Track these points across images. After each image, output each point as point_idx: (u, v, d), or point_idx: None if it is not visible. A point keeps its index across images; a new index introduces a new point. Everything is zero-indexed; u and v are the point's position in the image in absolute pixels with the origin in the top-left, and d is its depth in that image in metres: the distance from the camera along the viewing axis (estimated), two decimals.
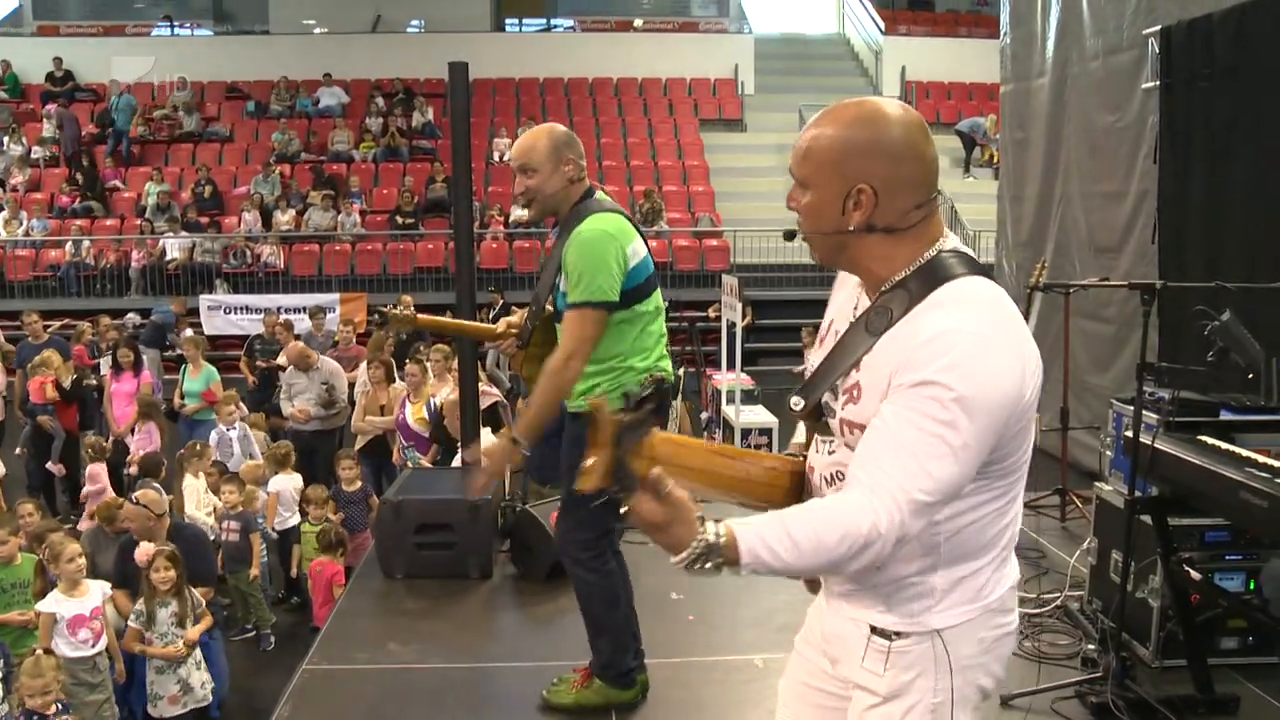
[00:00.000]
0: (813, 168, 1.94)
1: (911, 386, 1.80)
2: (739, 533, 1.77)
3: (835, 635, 2.10)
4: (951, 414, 1.77)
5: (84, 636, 5.15)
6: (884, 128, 1.92)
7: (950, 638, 1.96)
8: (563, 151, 3.68)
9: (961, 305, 1.85)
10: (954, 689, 1.97)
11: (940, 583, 1.95)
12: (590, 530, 3.76)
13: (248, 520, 6.89)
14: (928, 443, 1.78)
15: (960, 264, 1.93)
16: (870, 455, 1.84)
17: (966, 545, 1.94)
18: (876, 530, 1.76)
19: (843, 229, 1.93)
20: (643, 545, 5.70)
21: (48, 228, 17.66)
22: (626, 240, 3.57)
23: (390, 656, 4.47)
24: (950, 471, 1.79)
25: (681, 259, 17.16)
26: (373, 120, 20.21)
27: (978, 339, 1.81)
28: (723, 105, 21.45)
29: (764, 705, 4.05)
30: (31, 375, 9.61)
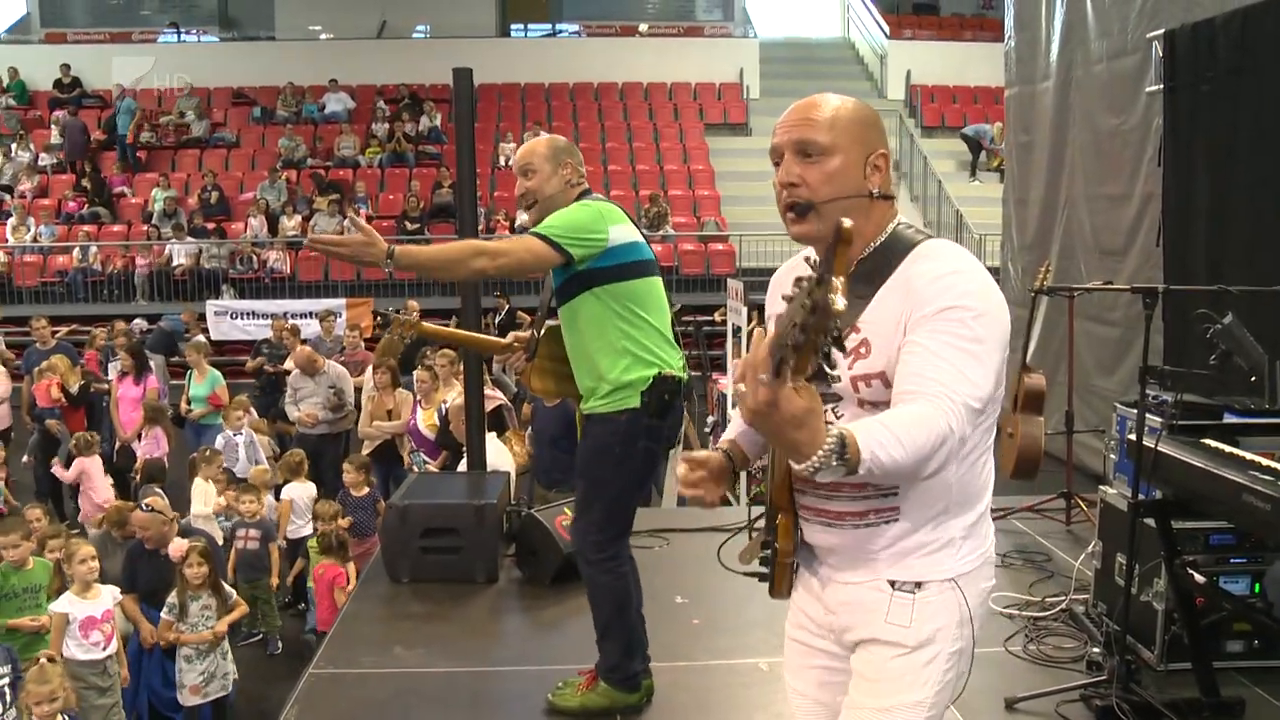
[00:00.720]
0: (839, 133, 2.07)
1: (937, 313, 1.95)
2: (857, 433, 1.77)
3: (844, 604, 2.16)
4: (976, 330, 1.94)
5: (95, 639, 5.16)
6: (872, 110, 2.16)
7: (964, 585, 2.09)
8: (562, 156, 3.77)
9: (948, 254, 2.05)
10: (967, 637, 2.10)
11: (958, 530, 2.09)
12: (607, 531, 3.77)
13: (267, 529, 6.92)
14: (963, 355, 1.93)
15: (917, 232, 2.12)
16: (917, 373, 1.95)
17: (970, 488, 2.10)
18: (949, 426, 1.87)
19: (863, 192, 2.08)
20: (648, 549, 5.72)
21: (55, 234, 17.72)
22: (610, 218, 3.60)
23: (396, 660, 4.48)
24: (988, 379, 1.96)
25: (687, 263, 17.17)
26: (379, 126, 20.24)
27: (977, 273, 2.01)
28: (728, 109, 21.46)
29: (768, 709, 4.06)
30: (37, 380, 9.64)
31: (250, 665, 6.45)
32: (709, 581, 5.37)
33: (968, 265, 2.02)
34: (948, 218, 17.88)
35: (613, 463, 3.70)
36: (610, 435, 3.67)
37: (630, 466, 3.71)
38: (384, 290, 16.25)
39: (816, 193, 2.06)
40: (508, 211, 17.89)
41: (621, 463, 3.69)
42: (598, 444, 3.74)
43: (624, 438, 3.65)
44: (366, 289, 16.52)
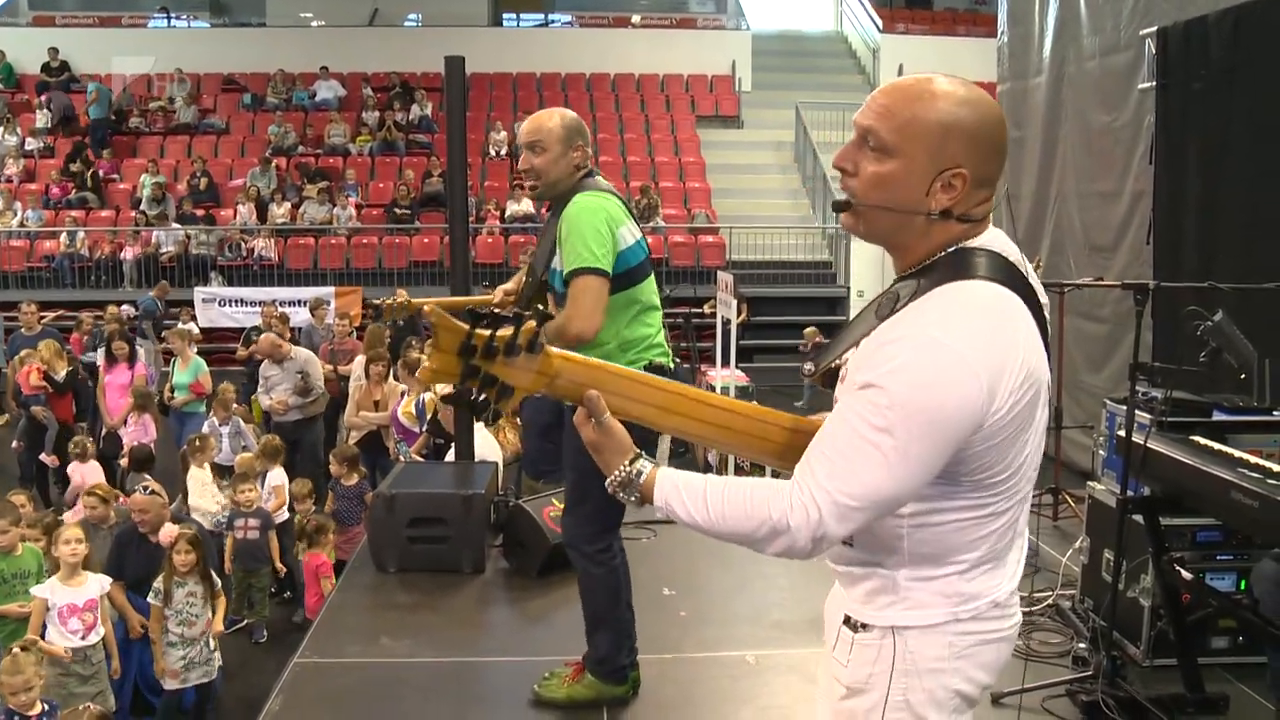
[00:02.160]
0: (912, 136, 1.78)
1: (859, 388, 1.75)
2: (660, 477, 1.88)
3: (829, 619, 2.09)
4: (887, 421, 1.70)
5: (74, 627, 5.13)
6: (989, 115, 1.81)
7: (913, 638, 1.88)
8: (574, 138, 3.69)
9: (944, 309, 1.75)
10: (919, 689, 1.89)
11: (903, 580, 1.88)
12: (598, 523, 3.76)
13: (266, 517, 6.91)
14: (860, 445, 1.72)
15: (984, 264, 1.81)
16: (809, 453, 1.80)
17: (935, 547, 1.86)
18: (785, 521, 1.75)
19: (921, 209, 1.80)
20: (635, 541, 5.72)
21: (42, 219, 17.62)
22: (616, 220, 3.58)
23: (382, 650, 4.47)
24: (880, 479, 1.72)
25: (677, 255, 17.15)
26: (369, 114, 20.18)
27: (937, 349, 1.70)
28: (719, 102, 21.44)
29: (755, 702, 4.06)
30: (20, 366, 9.59)
31: (236, 653, 6.44)
32: (696, 574, 5.38)
33: (937, 331, 1.71)
34: None
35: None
36: None
37: None
38: (372, 279, 16.21)
39: (863, 192, 1.84)
40: (498, 201, 17.87)
41: None
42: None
43: None
44: (355, 278, 16.48)
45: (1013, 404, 1.75)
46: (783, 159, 19.85)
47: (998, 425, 1.74)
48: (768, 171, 19.57)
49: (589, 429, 1.95)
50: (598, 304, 3.47)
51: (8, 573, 5.47)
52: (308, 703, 4.08)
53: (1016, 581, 1.96)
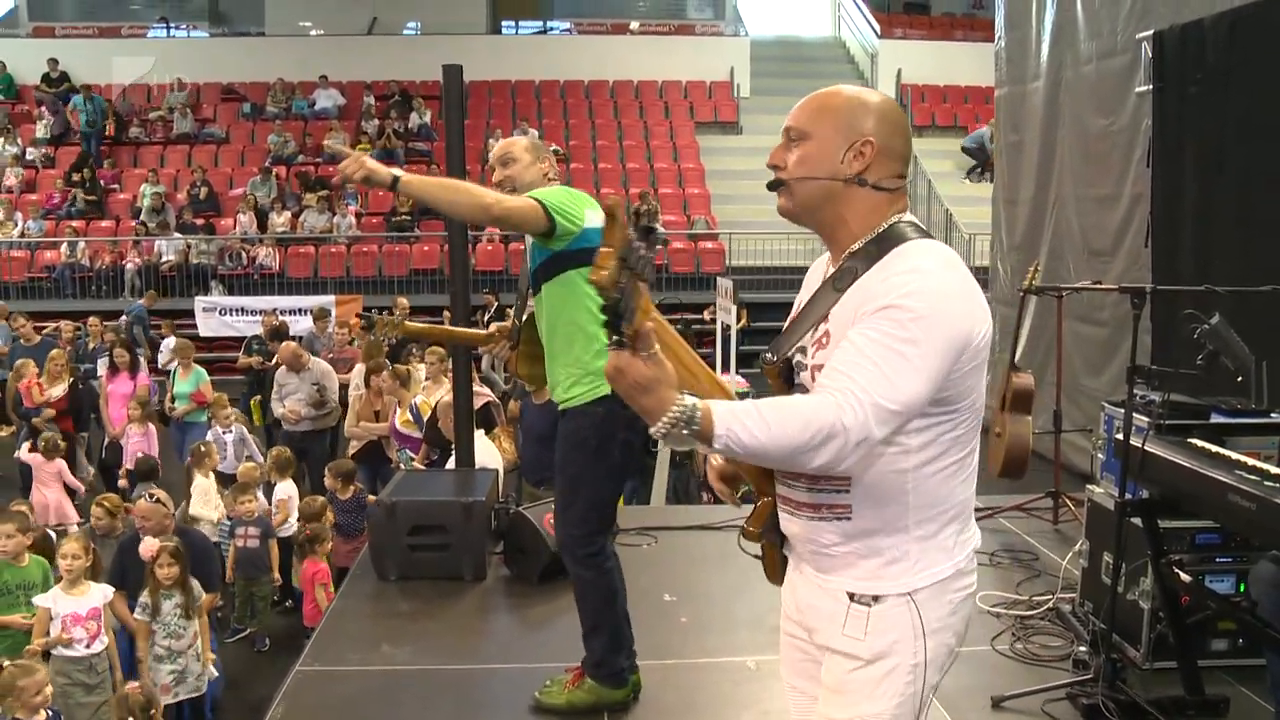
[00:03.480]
0: (822, 119, 2.11)
1: (876, 311, 1.94)
2: (715, 407, 1.88)
3: (809, 606, 2.20)
4: (911, 332, 1.91)
5: (78, 636, 5.14)
6: (885, 102, 2.16)
7: (923, 599, 2.07)
8: (541, 151, 3.87)
9: (921, 254, 2.01)
10: (929, 649, 2.08)
11: (913, 544, 2.06)
12: (588, 526, 3.77)
13: (266, 527, 6.91)
14: (890, 355, 1.90)
15: (914, 230, 2.08)
16: (836, 368, 1.95)
17: (931, 498, 2.06)
18: (841, 423, 1.87)
19: (838, 175, 2.09)
20: (635, 547, 5.73)
21: (43, 229, 17.64)
22: (586, 203, 3.66)
23: (383, 657, 4.47)
24: (912, 382, 1.91)
25: (677, 261, 17.17)
26: (369, 122, 20.21)
27: (933, 275, 1.97)
28: (718, 108, 21.47)
29: (756, 707, 4.07)
30: (18, 378, 9.57)
31: (239, 662, 6.45)
32: (697, 580, 5.38)
33: (930, 265, 1.98)
34: (938, 217, 17.92)
35: (590, 456, 3.70)
36: (587, 428, 3.68)
37: (608, 459, 3.71)
38: (373, 287, 16.24)
39: (789, 172, 2.13)
40: None
41: (599, 456, 3.69)
42: (575, 438, 3.74)
43: (600, 429, 3.65)
44: (355, 285, 16.50)
45: (984, 332, 2.01)
46: None
47: (977, 350, 2.00)
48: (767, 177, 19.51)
49: (638, 364, 1.86)
50: (527, 213, 3.51)
51: (12, 583, 5.46)
52: (309, 710, 4.08)
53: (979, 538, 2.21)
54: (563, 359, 3.71)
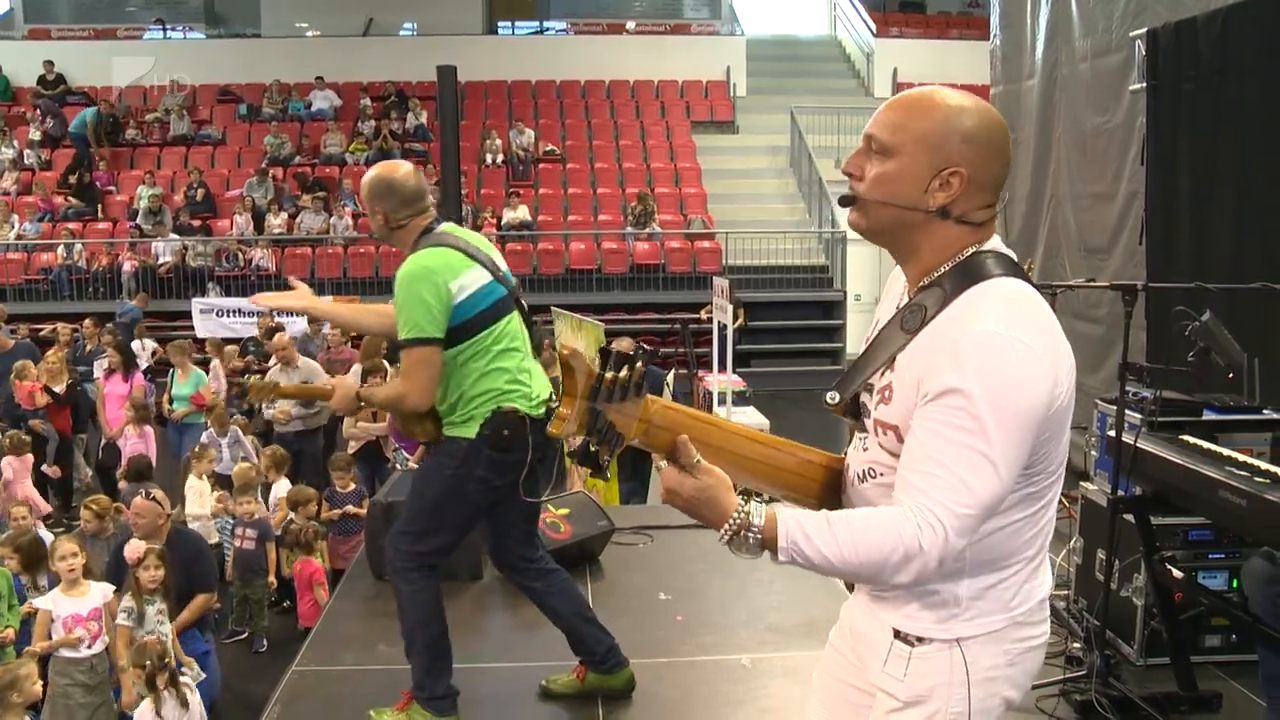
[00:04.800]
0: (910, 137, 1.89)
1: (938, 396, 1.78)
2: (781, 515, 1.79)
3: (861, 635, 2.11)
4: (979, 423, 1.75)
5: (79, 636, 5.15)
6: (988, 120, 1.91)
7: (972, 647, 1.93)
8: (372, 203, 3.75)
9: (991, 307, 1.82)
10: (974, 699, 1.94)
11: (965, 592, 1.92)
12: (420, 545, 3.75)
13: (264, 528, 6.92)
14: (961, 455, 1.76)
15: (997, 264, 1.90)
16: (907, 474, 1.82)
17: (993, 553, 1.91)
18: (918, 545, 1.75)
19: (920, 206, 1.90)
20: (630, 547, 5.74)
21: (40, 231, 17.64)
22: (449, 275, 3.55)
23: (379, 657, 4.49)
24: (989, 482, 1.77)
25: (674, 261, 17.18)
26: (365, 123, 20.21)
27: (1003, 342, 1.77)
28: (715, 107, 21.47)
29: (751, 705, 4.08)
30: (17, 381, 9.55)
31: (236, 663, 6.45)
32: (693, 579, 5.39)
33: (997, 324, 1.78)
34: None
35: (442, 480, 3.71)
36: (448, 456, 3.69)
37: (459, 489, 3.68)
38: (369, 288, 16.21)
39: (867, 190, 1.94)
40: (494, 208, 17.89)
41: (451, 482, 3.68)
42: (435, 461, 3.78)
43: (462, 461, 3.66)
44: (352, 287, 16.50)
45: (1068, 389, 1.84)
46: (778, 163, 19.86)
47: (1059, 412, 1.83)
48: (763, 176, 19.58)
49: (686, 482, 1.84)
50: (431, 374, 3.56)
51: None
52: (306, 710, 4.11)
53: (1052, 581, 2.04)
54: (443, 393, 3.68)
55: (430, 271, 3.54)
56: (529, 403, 3.69)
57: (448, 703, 3.81)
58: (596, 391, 1.83)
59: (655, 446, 1.92)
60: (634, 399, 1.86)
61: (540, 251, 17.33)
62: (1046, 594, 2.01)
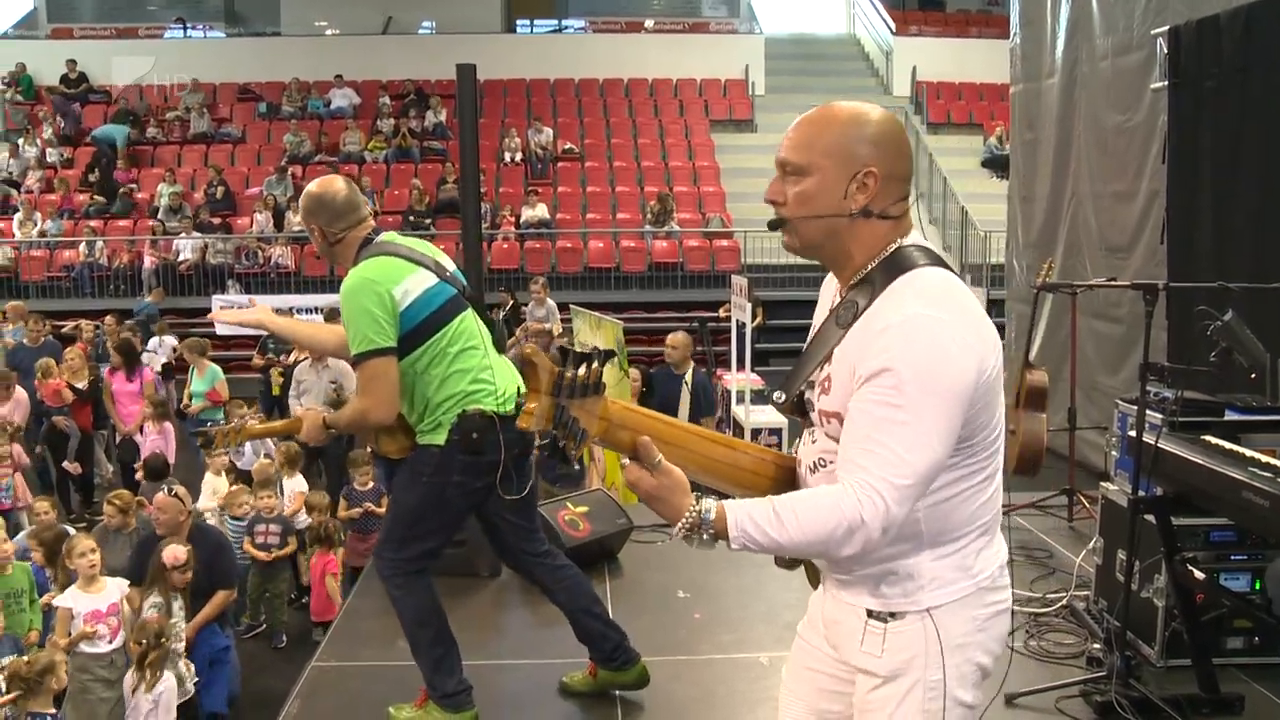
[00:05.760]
0: (817, 152, 2.03)
1: (870, 377, 1.90)
2: (729, 508, 1.91)
3: (833, 622, 2.20)
4: (907, 397, 1.87)
5: (100, 632, 5.19)
6: (881, 122, 2.05)
7: (942, 616, 2.05)
8: (308, 220, 3.77)
9: (915, 293, 1.95)
10: (949, 666, 2.05)
11: (927, 564, 2.04)
12: (404, 551, 3.74)
13: (286, 524, 6.96)
14: (893, 429, 1.88)
15: (921, 255, 2.03)
16: (846, 453, 1.94)
17: (946, 523, 2.03)
18: (860, 517, 1.86)
19: (843, 211, 2.03)
20: (650, 544, 5.74)
21: (61, 229, 17.75)
22: (390, 282, 3.52)
23: (398, 653, 4.47)
24: (922, 452, 1.89)
25: (692, 259, 17.18)
26: (384, 121, 20.26)
27: (927, 321, 1.90)
28: (733, 106, 21.46)
29: (769, 702, 4.06)
30: (42, 379, 9.61)
31: (255, 658, 6.49)
32: (710, 577, 5.39)
33: (920, 309, 1.92)
34: (953, 214, 17.87)
35: (419, 489, 3.70)
36: (424, 464, 3.68)
37: (437, 496, 3.68)
38: None
39: (791, 210, 2.07)
40: (513, 207, 17.91)
41: (429, 490, 3.68)
42: (411, 469, 3.75)
43: (436, 468, 3.65)
44: None
45: (995, 364, 1.98)
46: None
47: (987, 384, 1.96)
48: None
49: (646, 478, 1.96)
50: (388, 385, 3.53)
51: (1, 592, 5.50)
52: (325, 705, 4.13)
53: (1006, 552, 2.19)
54: (409, 404, 3.67)
55: (371, 282, 3.51)
56: (496, 400, 3.66)
57: (462, 698, 3.81)
58: (559, 387, 1.94)
59: (616, 445, 2.04)
60: (594, 396, 1.97)
61: (559, 250, 17.34)
62: (1005, 560, 2.16)
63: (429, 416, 3.64)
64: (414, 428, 3.69)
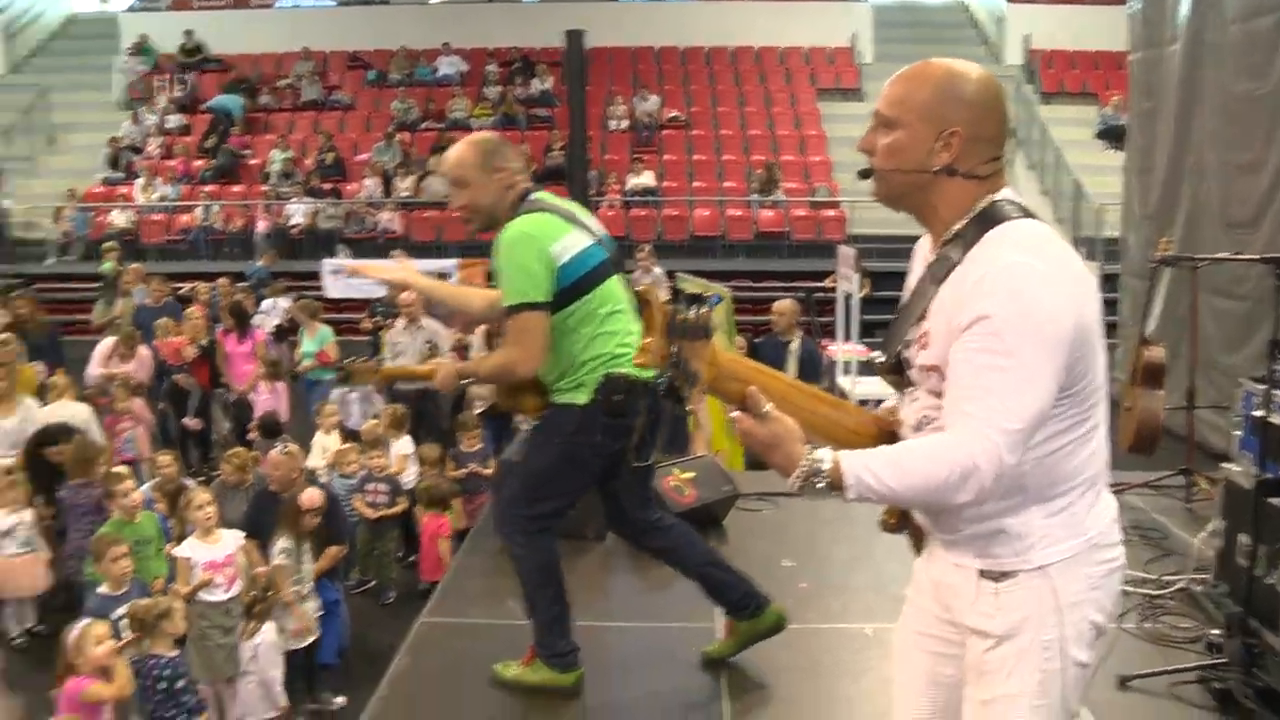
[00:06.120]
0: (908, 109, 2.08)
1: (969, 325, 1.93)
2: (844, 457, 1.93)
3: (944, 584, 2.20)
4: (1008, 344, 1.89)
5: (218, 581, 5.36)
6: (976, 83, 2.10)
7: (1056, 574, 2.04)
8: (491, 159, 3.65)
9: (1011, 243, 1.97)
10: (1066, 624, 2.04)
11: (1037, 520, 2.04)
12: (532, 510, 3.73)
13: (395, 484, 7.09)
14: (998, 376, 1.90)
15: (1013, 209, 2.05)
16: (952, 402, 1.97)
17: (1052, 476, 2.03)
18: (973, 462, 1.88)
19: (926, 168, 2.07)
20: (755, 513, 5.73)
21: (179, 194, 18.24)
22: (548, 239, 3.50)
23: (506, 613, 4.55)
24: (1028, 396, 1.90)
25: (798, 228, 17.06)
26: (490, 88, 20.39)
27: (1023, 269, 1.92)
28: (840, 74, 21.17)
29: (872, 674, 4.05)
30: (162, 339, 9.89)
31: (363, 613, 6.62)
32: (817, 546, 5.36)
33: (1016, 259, 1.94)
34: (1066, 186, 17.43)
35: (555, 449, 3.68)
36: (560, 424, 3.65)
37: (573, 456, 3.66)
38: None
39: (879, 161, 2.13)
40: (619, 174, 17.91)
41: (565, 449, 3.65)
42: (549, 428, 3.73)
43: (577, 428, 3.61)
44: (479, 250, 16.60)
45: (1093, 308, 2.00)
46: None
47: (1086, 331, 1.97)
48: None
49: (758, 428, 1.98)
50: (539, 340, 3.50)
51: (129, 539, 5.69)
52: (433, 662, 4.20)
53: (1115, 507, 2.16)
54: (553, 361, 3.64)
55: (529, 237, 3.50)
56: (638, 371, 3.62)
57: (570, 658, 3.83)
58: (672, 326, 1.99)
59: (724, 394, 2.07)
60: (704, 341, 2.01)
61: (664, 218, 17.33)
62: (1114, 515, 2.14)
63: (570, 375, 3.62)
64: (551, 387, 3.67)
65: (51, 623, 6.14)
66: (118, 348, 9.38)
